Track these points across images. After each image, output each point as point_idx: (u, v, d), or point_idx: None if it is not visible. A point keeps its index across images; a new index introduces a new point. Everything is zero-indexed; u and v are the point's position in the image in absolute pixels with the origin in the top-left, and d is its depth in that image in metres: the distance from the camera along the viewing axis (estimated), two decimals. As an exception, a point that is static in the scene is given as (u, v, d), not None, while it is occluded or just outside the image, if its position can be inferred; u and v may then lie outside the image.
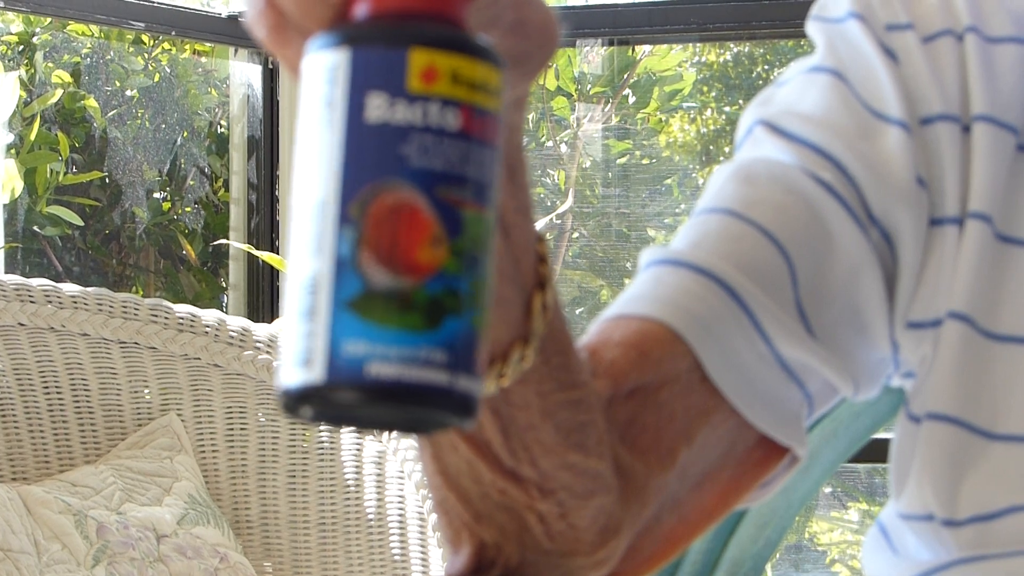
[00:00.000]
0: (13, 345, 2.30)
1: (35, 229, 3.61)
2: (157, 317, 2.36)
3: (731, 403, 0.89)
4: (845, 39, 0.97)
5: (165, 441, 2.34)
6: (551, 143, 3.66)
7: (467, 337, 0.62)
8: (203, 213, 3.79)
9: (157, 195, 3.79)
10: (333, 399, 0.62)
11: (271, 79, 3.45)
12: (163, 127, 3.83)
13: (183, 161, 3.80)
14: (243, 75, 3.53)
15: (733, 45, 3.74)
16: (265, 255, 3.13)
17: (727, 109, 3.76)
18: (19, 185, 3.34)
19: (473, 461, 0.80)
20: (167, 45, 3.80)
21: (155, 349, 2.36)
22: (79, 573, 2.13)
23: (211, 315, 2.38)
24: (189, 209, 3.80)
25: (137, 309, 2.35)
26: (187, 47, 3.80)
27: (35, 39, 3.64)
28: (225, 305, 3.71)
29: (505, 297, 0.76)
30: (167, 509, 2.26)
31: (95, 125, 3.69)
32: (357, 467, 2.36)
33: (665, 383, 0.88)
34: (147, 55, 3.81)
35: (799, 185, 0.93)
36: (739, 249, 0.91)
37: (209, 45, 3.72)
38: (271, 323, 2.47)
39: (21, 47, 3.63)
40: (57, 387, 2.33)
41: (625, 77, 3.63)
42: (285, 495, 2.38)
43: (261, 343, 2.37)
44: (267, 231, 3.45)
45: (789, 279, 0.91)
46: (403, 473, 2.32)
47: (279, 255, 3.18)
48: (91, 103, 3.66)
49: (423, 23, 0.63)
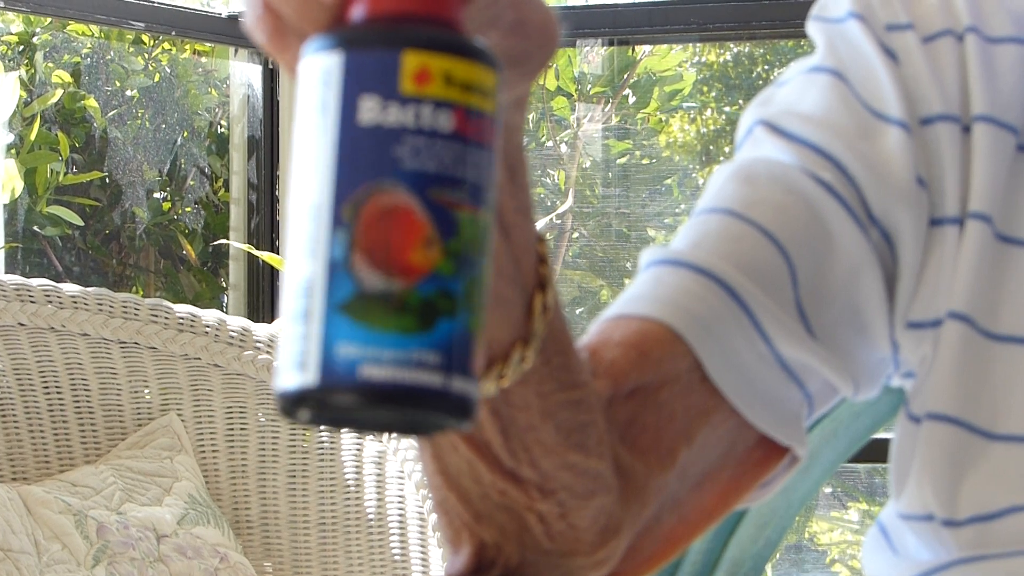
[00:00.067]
0: (13, 345, 2.30)
1: (35, 229, 3.61)
2: (157, 317, 2.36)
3: (731, 403, 0.89)
4: (845, 39, 0.97)
5: (165, 441, 2.34)
6: (551, 143, 3.66)
7: (462, 338, 0.62)
8: (203, 213, 3.79)
9: (157, 195, 3.79)
10: (327, 402, 0.62)
11: (271, 79, 3.45)
12: (163, 127, 3.83)
13: (183, 161, 3.80)
14: (243, 75, 3.53)
15: (733, 45, 3.74)
16: (265, 255, 3.13)
17: (727, 109, 3.76)
18: (19, 185, 3.34)
19: (473, 461, 0.80)
20: (167, 45, 3.80)
21: (155, 349, 2.36)
22: (79, 573, 2.13)
23: (211, 315, 2.38)
24: (189, 209, 3.80)
25: (137, 309, 2.35)
26: (187, 47, 3.80)
27: (35, 39, 3.64)
28: (225, 305, 3.71)
29: (505, 298, 0.76)
30: (167, 509, 2.26)
31: (95, 125, 3.69)
32: (357, 467, 2.36)
33: (665, 383, 0.88)
34: (147, 55, 3.81)
35: (799, 185, 0.93)
36: (739, 249, 0.91)
37: (209, 45, 3.71)
38: (271, 323, 2.47)
39: (21, 47, 3.63)
40: (57, 387, 2.33)
41: (625, 77, 3.62)
42: (285, 495, 2.38)
43: (261, 343, 2.37)
44: (267, 231, 3.45)
45: (789, 279, 0.91)
46: (403, 473, 2.32)
47: (279, 255, 3.18)
48: (91, 103, 3.66)
49: (417, 26, 0.63)
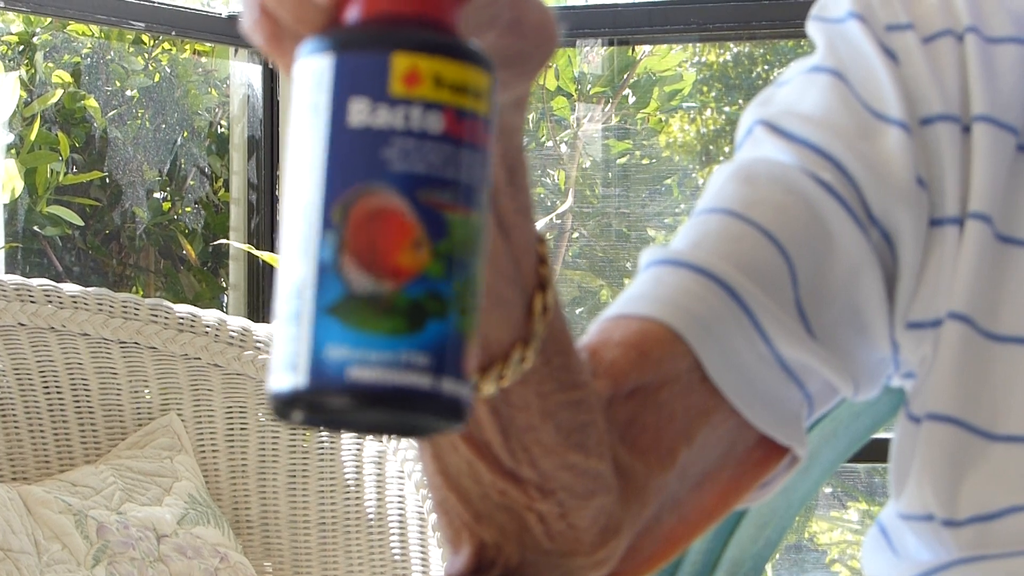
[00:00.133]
0: (13, 345, 2.30)
1: (35, 229, 3.61)
2: (157, 317, 2.36)
3: (731, 403, 0.89)
4: (845, 39, 0.97)
5: (165, 441, 2.34)
6: (551, 143, 3.66)
7: (452, 340, 0.62)
8: (203, 213, 3.79)
9: (157, 195, 3.79)
10: (316, 403, 0.62)
11: (271, 79, 3.45)
12: (163, 127, 3.83)
13: (183, 161, 3.80)
14: (243, 75, 3.53)
15: (733, 45, 3.74)
16: (265, 255, 3.13)
17: (727, 109, 3.76)
18: (19, 185, 3.34)
19: (473, 461, 0.80)
20: (167, 45, 3.80)
21: (155, 349, 2.36)
22: (79, 573, 2.13)
23: (211, 315, 2.38)
24: (189, 209, 3.80)
25: (137, 309, 2.35)
26: (187, 47, 3.80)
27: (35, 39, 3.64)
28: (225, 305, 3.70)
29: (505, 298, 0.76)
30: (167, 509, 2.26)
31: (95, 125, 3.69)
32: (357, 467, 2.36)
33: (665, 383, 0.88)
34: (147, 55, 3.81)
35: (799, 185, 0.93)
36: (739, 249, 0.91)
37: (209, 45, 3.71)
38: (271, 323, 2.47)
39: (21, 47, 3.63)
40: (57, 387, 2.33)
41: (625, 77, 3.62)
42: (285, 495, 2.38)
43: (261, 343, 2.37)
44: (267, 231, 3.45)
45: (789, 279, 0.91)
46: (403, 473, 2.32)
47: (279, 255, 3.18)
48: (91, 103, 3.66)
49: (407, 27, 0.62)
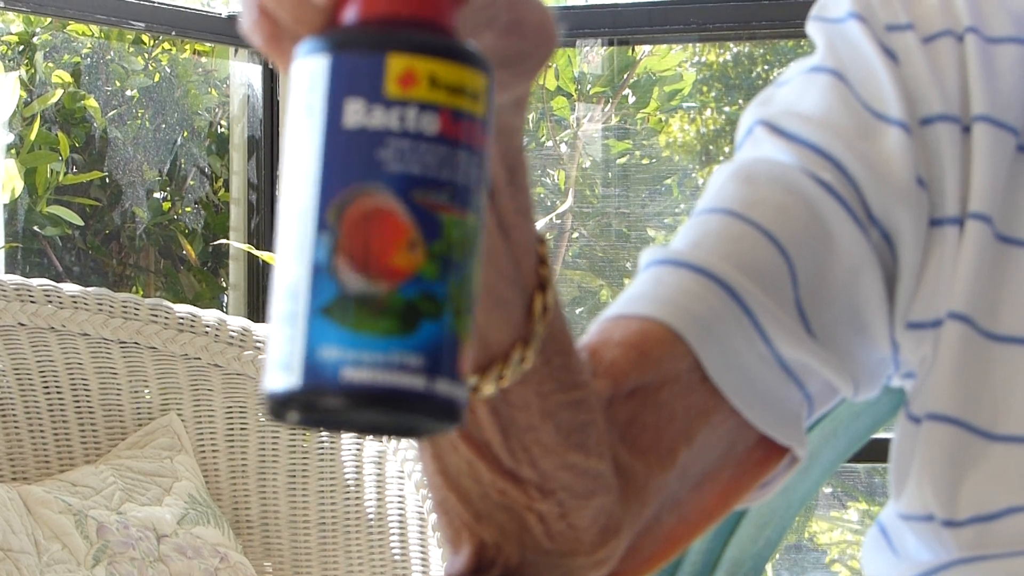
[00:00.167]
0: (13, 345, 2.30)
1: (35, 229, 3.61)
2: (157, 317, 2.36)
3: (731, 403, 0.89)
4: (845, 39, 0.97)
5: (165, 441, 2.34)
6: (551, 143, 3.66)
7: (446, 341, 0.62)
8: (203, 213, 3.79)
9: (157, 195, 3.79)
10: (310, 404, 0.62)
11: (271, 79, 3.45)
12: (163, 127, 3.83)
13: (183, 161, 3.80)
14: (243, 75, 3.53)
15: (733, 45, 3.74)
16: (265, 255, 3.13)
17: (727, 109, 3.76)
18: (19, 185, 3.34)
19: (473, 461, 0.80)
20: (167, 45, 3.80)
21: (155, 349, 2.36)
22: (79, 573, 2.13)
23: (211, 315, 2.38)
24: (189, 209, 3.80)
25: (137, 309, 2.35)
26: (187, 47, 3.80)
27: (35, 39, 3.64)
28: (225, 305, 3.71)
29: (506, 298, 0.76)
30: (167, 509, 2.26)
31: (95, 125, 3.69)
32: (357, 467, 2.36)
33: (665, 383, 0.88)
34: (147, 55, 3.81)
35: (799, 185, 0.93)
36: (739, 249, 0.91)
37: (209, 45, 3.71)
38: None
39: (21, 47, 3.63)
40: (57, 387, 2.33)
41: (625, 77, 3.62)
42: (285, 495, 2.38)
43: (261, 343, 2.37)
44: (267, 231, 3.45)
45: (789, 279, 0.91)
46: (403, 473, 2.32)
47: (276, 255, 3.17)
48: (91, 103, 3.66)
49: (404, 29, 0.62)
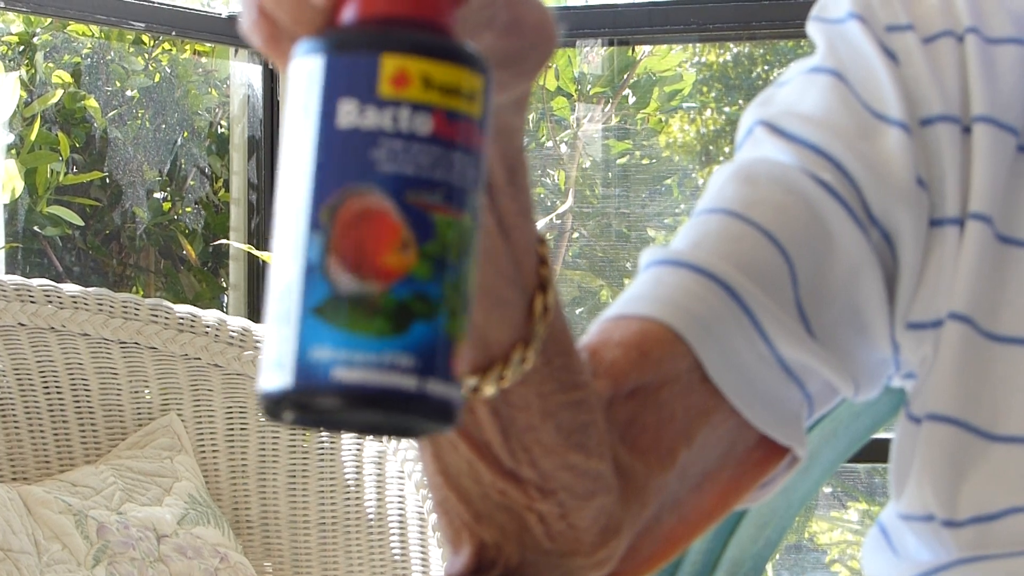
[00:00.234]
0: (13, 345, 2.30)
1: (35, 229, 3.61)
2: (157, 317, 2.36)
3: (731, 403, 0.89)
4: (845, 40, 0.97)
5: (165, 441, 2.34)
6: (551, 143, 3.66)
7: (439, 341, 0.62)
8: (203, 213, 3.79)
9: (157, 195, 3.79)
10: (303, 403, 0.62)
11: (271, 79, 3.45)
12: (163, 127, 3.83)
13: (183, 161, 3.80)
14: (243, 75, 3.53)
15: (733, 45, 3.74)
16: (265, 255, 3.13)
17: (727, 109, 3.76)
18: (19, 185, 3.34)
19: (473, 461, 0.80)
20: (167, 45, 3.80)
21: (155, 349, 2.36)
22: (79, 573, 2.13)
23: (211, 315, 2.38)
24: (189, 209, 3.80)
25: (137, 309, 2.35)
26: (187, 47, 3.80)
27: (35, 39, 3.64)
28: (225, 305, 3.71)
29: (506, 299, 0.76)
30: (167, 509, 2.26)
31: (95, 125, 3.69)
32: (357, 467, 2.36)
33: (665, 383, 0.88)
34: (147, 55, 3.81)
35: (799, 185, 0.93)
36: (739, 249, 0.91)
37: (209, 45, 3.71)
38: (270, 323, 2.47)
39: (21, 47, 3.63)
40: (57, 387, 2.33)
41: (625, 77, 3.62)
42: (285, 495, 2.38)
43: (261, 343, 2.37)
44: (267, 231, 3.45)
45: (789, 279, 0.91)
46: (403, 473, 2.32)
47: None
48: (91, 103, 3.66)
49: (398, 29, 0.62)
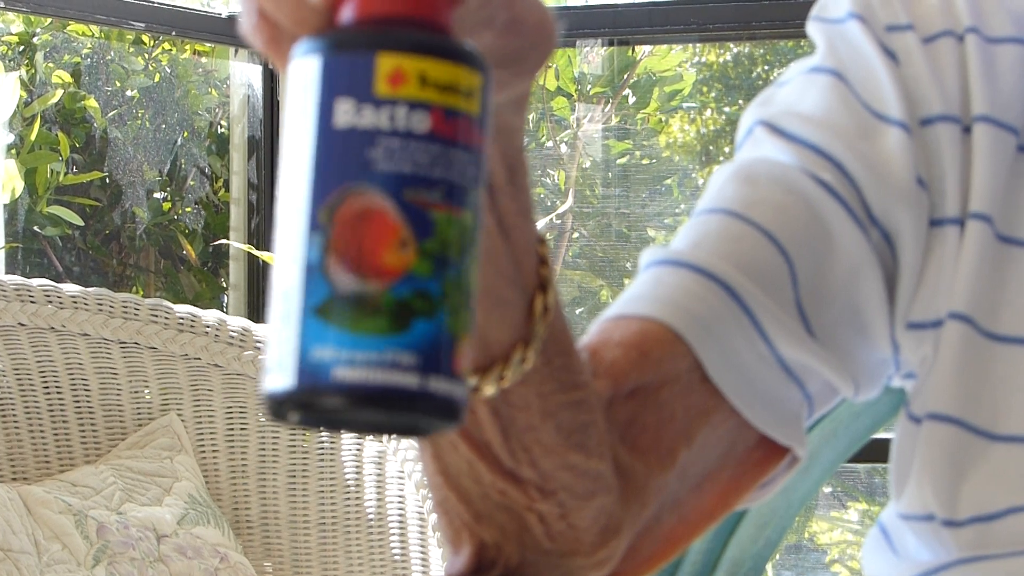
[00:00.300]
0: (13, 345, 2.30)
1: (35, 229, 3.61)
2: (157, 317, 2.36)
3: (731, 403, 0.89)
4: (845, 40, 0.97)
5: (165, 441, 2.34)
6: (551, 143, 3.66)
7: (441, 339, 0.62)
8: (203, 213, 3.79)
9: (157, 195, 3.79)
10: (305, 403, 0.62)
11: (271, 79, 3.45)
12: (163, 127, 3.83)
13: (183, 161, 3.80)
14: (243, 75, 3.53)
15: (733, 45, 3.74)
16: (265, 255, 3.13)
17: (727, 109, 3.76)
18: (19, 185, 3.34)
19: (473, 461, 0.80)
20: (167, 45, 3.80)
21: (155, 349, 2.36)
22: (79, 573, 2.13)
23: (211, 315, 2.38)
24: (189, 209, 3.80)
25: (137, 309, 2.35)
26: (187, 47, 3.80)
27: (35, 39, 3.64)
28: (225, 305, 3.71)
29: (506, 299, 0.76)
30: (167, 509, 2.26)
31: (95, 125, 3.69)
32: (357, 467, 2.36)
33: (665, 383, 0.88)
34: (147, 55, 3.81)
35: (799, 185, 0.93)
36: (739, 249, 0.91)
37: (209, 45, 3.71)
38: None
39: (21, 47, 3.63)
40: (57, 387, 2.33)
41: (625, 77, 3.62)
42: (285, 495, 2.38)
43: (261, 343, 2.37)
44: (267, 231, 3.45)
45: (789, 279, 0.91)
46: (403, 473, 2.32)
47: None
48: (91, 103, 3.66)
49: (394, 28, 0.63)
